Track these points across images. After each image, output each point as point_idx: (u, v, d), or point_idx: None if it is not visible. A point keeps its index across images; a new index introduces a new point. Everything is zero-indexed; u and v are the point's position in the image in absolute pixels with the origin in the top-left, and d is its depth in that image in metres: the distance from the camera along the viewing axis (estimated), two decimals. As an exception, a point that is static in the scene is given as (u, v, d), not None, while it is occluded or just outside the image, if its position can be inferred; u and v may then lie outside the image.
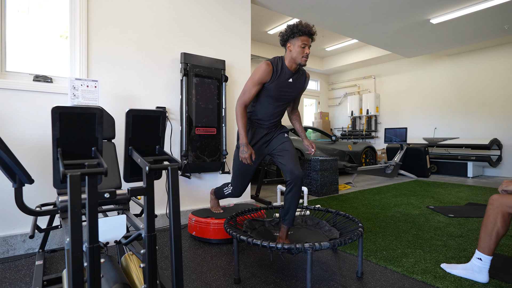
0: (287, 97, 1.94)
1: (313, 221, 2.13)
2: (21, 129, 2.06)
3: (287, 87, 1.90)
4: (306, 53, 1.80)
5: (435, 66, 7.25)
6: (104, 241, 1.16)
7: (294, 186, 1.81)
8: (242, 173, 2.04)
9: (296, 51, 1.81)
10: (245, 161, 1.84)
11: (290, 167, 1.82)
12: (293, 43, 1.82)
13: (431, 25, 4.59)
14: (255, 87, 1.85)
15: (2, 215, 2.02)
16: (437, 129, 7.20)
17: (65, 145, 1.05)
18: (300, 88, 1.97)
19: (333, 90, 9.68)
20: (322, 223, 2.08)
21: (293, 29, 1.80)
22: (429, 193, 4.27)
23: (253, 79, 1.84)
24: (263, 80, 1.84)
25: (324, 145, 5.81)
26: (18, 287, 1.61)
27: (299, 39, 1.79)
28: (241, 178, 2.06)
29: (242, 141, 1.84)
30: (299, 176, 1.80)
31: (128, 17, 2.49)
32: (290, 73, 1.88)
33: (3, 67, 2.07)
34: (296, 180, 1.80)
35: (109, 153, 1.95)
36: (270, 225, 2.14)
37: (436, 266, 1.83)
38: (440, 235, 2.42)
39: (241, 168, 2.02)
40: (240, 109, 1.87)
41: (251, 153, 1.82)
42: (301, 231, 2.06)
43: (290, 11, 3.96)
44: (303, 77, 1.98)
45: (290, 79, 1.90)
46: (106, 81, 2.39)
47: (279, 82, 1.86)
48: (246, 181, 2.08)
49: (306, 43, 1.80)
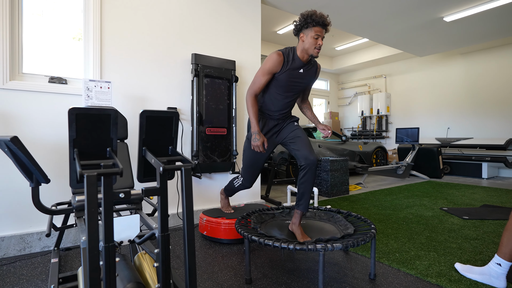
0: (298, 88, 1.92)
1: (328, 215, 2.11)
2: (37, 130, 2.11)
3: (298, 78, 1.89)
4: (319, 44, 1.77)
5: (448, 64, 7.11)
6: (118, 240, 1.17)
7: (309, 170, 1.79)
8: (253, 164, 2.04)
9: (308, 42, 1.78)
10: (257, 149, 1.82)
11: (304, 152, 1.80)
12: (306, 34, 1.79)
13: (445, 23, 4.50)
14: (265, 77, 1.84)
15: (19, 214, 2.07)
16: (450, 129, 7.06)
17: (81, 146, 1.07)
18: (310, 79, 1.96)
19: (343, 90, 9.59)
20: (337, 216, 2.05)
21: (307, 19, 1.77)
22: (442, 194, 4.19)
23: (264, 69, 1.83)
24: (274, 70, 1.83)
25: (334, 145, 5.76)
26: (34, 284, 1.65)
27: (313, 30, 1.76)
28: (251, 169, 2.06)
29: (254, 129, 1.83)
30: (314, 160, 1.78)
31: (140, 19, 2.52)
32: (301, 64, 1.87)
33: (20, 69, 2.12)
34: (311, 165, 1.78)
35: (122, 153, 1.98)
36: (280, 215, 2.12)
37: (451, 269, 1.79)
38: (454, 237, 2.37)
39: (252, 158, 2.02)
40: (251, 98, 1.86)
41: (263, 140, 1.82)
42: (315, 224, 2.04)
43: (300, 11, 3.94)
44: (314, 68, 1.96)
45: (301, 69, 1.88)
46: (118, 82, 2.42)
47: (290, 73, 1.85)
48: (256, 172, 2.08)
49: (320, 34, 1.77)
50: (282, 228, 1.95)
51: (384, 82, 8.40)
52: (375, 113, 8.34)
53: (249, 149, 2.02)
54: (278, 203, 3.42)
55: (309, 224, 2.03)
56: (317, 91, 9.16)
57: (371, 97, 8.53)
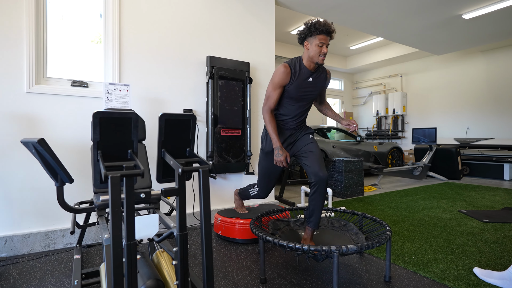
0: (309, 97, 1.92)
1: (340, 223, 2.11)
2: (60, 131, 2.21)
3: (308, 87, 1.89)
4: (324, 52, 1.77)
5: (467, 62, 6.90)
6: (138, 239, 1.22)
7: (319, 188, 1.79)
8: (268, 174, 2.06)
9: (313, 50, 1.79)
10: (280, 164, 1.82)
11: (315, 169, 1.80)
12: (310, 42, 1.80)
13: (463, 21, 4.38)
14: (276, 91, 1.85)
15: (44, 212, 2.17)
16: (469, 129, 6.85)
17: (105, 148, 1.12)
18: (321, 86, 1.95)
19: (358, 89, 9.47)
20: (349, 225, 2.05)
21: (310, 28, 1.78)
22: (461, 196, 4.08)
23: (273, 83, 1.85)
24: (283, 83, 1.84)
25: (348, 145, 5.70)
26: (59, 279, 1.73)
27: (317, 38, 1.77)
28: (266, 179, 2.09)
29: (276, 145, 1.83)
30: (324, 178, 1.77)
31: (156, 23, 2.59)
32: (309, 73, 1.87)
33: (44, 74, 2.23)
34: (321, 182, 1.78)
35: (140, 154, 2.05)
36: (295, 225, 2.14)
37: (470, 273, 1.76)
38: (473, 240, 2.31)
39: (266, 169, 2.04)
40: (267, 114, 1.88)
41: (286, 155, 1.82)
42: (327, 233, 2.05)
43: (313, 11, 3.93)
44: (324, 75, 1.95)
45: (310, 78, 1.88)
46: (136, 85, 2.50)
47: (298, 83, 1.86)
48: (271, 183, 2.10)
49: (324, 42, 1.77)
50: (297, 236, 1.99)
51: (400, 81, 8.24)
52: (390, 113, 8.19)
53: (264, 160, 2.03)
54: (292, 204, 3.43)
55: (322, 234, 2.04)
56: (331, 91, 9.09)
57: (386, 96, 8.38)
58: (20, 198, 2.09)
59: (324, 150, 5.18)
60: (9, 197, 2.06)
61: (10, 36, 2.06)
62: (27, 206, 2.11)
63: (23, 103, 2.09)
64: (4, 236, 2.03)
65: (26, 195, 2.11)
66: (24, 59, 2.09)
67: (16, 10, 2.07)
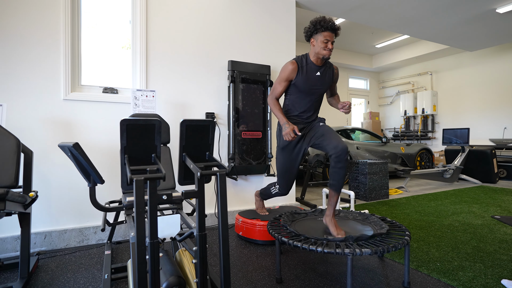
0: (318, 91, 2.00)
1: (363, 216, 2.08)
2: (92, 135, 2.37)
3: (316, 81, 1.97)
4: (329, 47, 1.86)
5: (503, 58, 6.48)
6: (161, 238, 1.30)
7: (341, 158, 1.77)
8: (286, 170, 2.11)
9: (319, 46, 1.88)
10: (288, 137, 1.84)
11: (333, 143, 1.81)
12: (316, 39, 1.89)
13: (497, 15, 4.13)
14: (281, 84, 1.98)
15: (78, 210, 2.34)
16: (507, 129, 6.42)
17: (131, 152, 1.21)
18: (328, 81, 2.02)
19: (384, 89, 9.19)
20: (372, 218, 2.01)
21: (315, 25, 1.87)
22: (495, 201, 3.85)
23: (280, 78, 1.98)
24: (289, 78, 1.96)
25: (373, 147, 5.56)
26: (91, 272, 1.86)
27: (322, 35, 1.86)
28: (285, 175, 2.13)
29: (282, 121, 1.91)
30: (344, 148, 1.77)
31: (180, 31, 2.70)
32: (316, 67, 1.96)
33: (79, 82, 2.40)
34: (342, 152, 1.77)
35: (164, 157, 2.15)
36: (312, 215, 2.14)
37: (499, 282, 1.68)
38: (506, 248, 2.19)
39: (284, 165, 2.09)
40: (272, 100, 2.00)
41: (293, 127, 1.85)
42: (349, 222, 2.01)
43: (336, 12, 3.89)
44: (331, 70, 2.03)
45: (318, 72, 1.97)
46: (162, 90, 2.62)
47: (306, 77, 1.95)
48: (291, 179, 2.14)
49: (329, 39, 1.85)
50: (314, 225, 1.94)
51: (429, 80, 7.90)
52: (419, 113, 7.87)
53: (281, 156, 2.09)
54: (313, 206, 3.41)
55: (342, 223, 2.01)
56: (356, 90, 8.89)
57: (415, 95, 8.07)
58: (58, 197, 2.27)
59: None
60: (49, 196, 2.25)
61: (48, 48, 2.24)
62: (64, 204, 2.29)
63: (60, 110, 2.27)
64: (44, 231, 2.22)
65: (63, 194, 2.29)
66: (62, 68, 2.27)
67: (53, 20, 2.26)
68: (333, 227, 1.78)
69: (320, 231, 1.83)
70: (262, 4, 3.11)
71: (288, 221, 1.97)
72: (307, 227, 1.90)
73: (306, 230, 1.84)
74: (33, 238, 2.19)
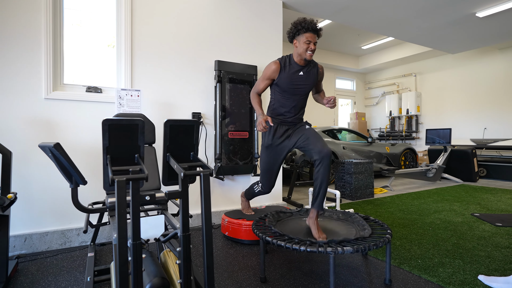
0: (302, 90, 2.02)
1: (346, 214, 2.12)
2: (75, 135, 2.32)
3: (299, 80, 2.00)
4: (311, 48, 1.89)
5: (484, 61, 6.70)
6: (145, 239, 1.29)
7: (324, 162, 1.81)
8: (268, 169, 2.13)
9: (301, 47, 1.91)
10: (261, 127, 1.87)
11: (317, 147, 1.84)
12: (298, 40, 1.92)
13: (477, 19, 4.27)
14: (264, 82, 2.03)
15: (61, 212, 2.28)
16: (487, 129, 6.65)
17: (113, 153, 1.19)
18: (313, 80, 2.04)
19: (370, 90, 9.35)
20: (355, 216, 2.05)
21: (297, 26, 1.90)
22: (475, 199, 3.98)
23: (263, 76, 2.03)
24: (271, 77, 2.00)
25: (359, 147, 5.65)
26: (73, 275, 1.82)
27: (304, 36, 1.88)
28: (268, 174, 2.15)
29: (258, 112, 1.96)
30: (328, 153, 1.81)
31: (166, 30, 2.68)
32: (299, 67, 1.99)
33: (61, 80, 2.35)
34: (325, 157, 1.81)
35: (149, 157, 2.13)
36: (298, 214, 2.16)
37: (476, 278, 1.74)
38: (484, 245, 2.27)
39: (267, 163, 2.12)
40: (253, 93, 2.06)
41: (266, 118, 1.88)
42: (332, 223, 2.05)
43: (322, 13, 3.94)
44: (315, 69, 2.06)
45: (301, 72, 1.99)
46: (147, 89, 2.59)
47: (289, 76, 1.97)
48: (273, 177, 2.16)
49: (311, 40, 1.88)
50: (298, 225, 1.97)
51: (414, 81, 8.09)
52: (404, 113, 8.05)
53: (264, 154, 2.12)
54: (300, 205, 3.44)
55: (326, 223, 2.04)
56: (342, 91, 9.01)
57: (400, 96, 8.25)
58: (39, 198, 2.21)
59: (334, 152, 5.16)
60: (29, 197, 2.19)
61: (29, 46, 2.18)
62: (46, 206, 2.24)
63: (42, 109, 2.22)
64: (24, 234, 2.16)
65: (45, 195, 2.23)
66: (43, 67, 2.21)
67: (34, 18, 2.20)
68: (315, 230, 1.79)
69: (304, 231, 1.85)
70: (249, 4, 3.12)
71: (273, 221, 1.99)
72: (291, 228, 1.92)
73: (290, 230, 1.86)
74: (12, 241, 2.12)
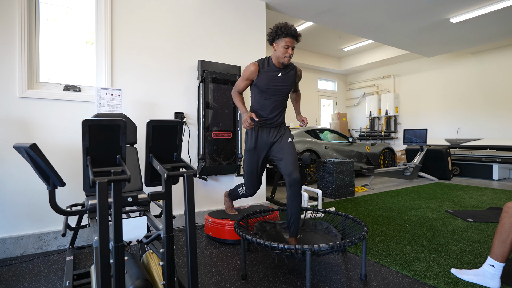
0: (281, 91, 2.07)
1: (323, 226, 2.19)
2: (53, 135, 2.25)
3: (277, 82, 2.04)
4: (289, 53, 1.94)
5: (458, 64, 7.02)
6: (127, 240, 1.27)
7: (293, 189, 1.94)
8: (252, 173, 2.16)
9: (280, 51, 1.95)
10: (246, 124, 1.92)
11: (288, 171, 1.95)
12: (278, 43, 1.96)
13: (451, 24, 4.47)
14: (243, 82, 2.07)
15: (37, 215, 2.20)
16: (460, 129, 6.97)
17: (94, 153, 1.17)
18: (291, 81, 2.10)
19: (351, 91, 9.57)
20: (330, 228, 2.13)
21: (277, 31, 1.94)
22: (449, 196, 4.17)
23: (242, 76, 2.07)
24: (250, 77, 2.04)
25: (340, 146, 5.78)
26: (51, 280, 1.77)
27: (283, 40, 1.92)
28: (252, 176, 2.18)
29: (241, 110, 2.03)
30: (297, 179, 1.92)
31: (148, 28, 2.64)
32: (277, 69, 2.03)
33: (37, 79, 2.26)
34: (295, 183, 1.93)
35: (131, 158, 2.09)
36: (281, 228, 2.20)
37: (449, 271, 1.83)
38: (456, 240, 2.39)
39: (251, 166, 2.15)
40: (235, 93, 2.12)
41: (250, 115, 1.92)
42: (310, 235, 2.13)
43: (305, 15, 4.00)
44: (293, 71, 2.11)
45: (279, 73, 2.04)
46: (128, 89, 2.54)
47: (267, 78, 2.02)
48: (256, 179, 2.20)
49: (290, 44, 1.93)
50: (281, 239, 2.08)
51: (392, 83, 8.35)
52: (383, 114, 8.30)
53: (247, 158, 2.15)
54: (283, 205, 3.49)
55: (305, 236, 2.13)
56: (324, 91, 9.17)
57: (379, 97, 8.49)
58: (13, 201, 2.12)
59: (316, 151, 5.25)
60: (3, 200, 2.09)
61: (2, 41, 2.09)
62: (21, 208, 2.15)
63: (16, 108, 2.13)
64: (-3, 238, 2.07)
65: (20, 198, 2.14)
66: (17, 63, 2.12)
67: (7, 11, 2.11)
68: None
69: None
70: (233, 5, 3.12)
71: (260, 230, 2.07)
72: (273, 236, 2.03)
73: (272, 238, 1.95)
74: (-16, 246, 2.03)
